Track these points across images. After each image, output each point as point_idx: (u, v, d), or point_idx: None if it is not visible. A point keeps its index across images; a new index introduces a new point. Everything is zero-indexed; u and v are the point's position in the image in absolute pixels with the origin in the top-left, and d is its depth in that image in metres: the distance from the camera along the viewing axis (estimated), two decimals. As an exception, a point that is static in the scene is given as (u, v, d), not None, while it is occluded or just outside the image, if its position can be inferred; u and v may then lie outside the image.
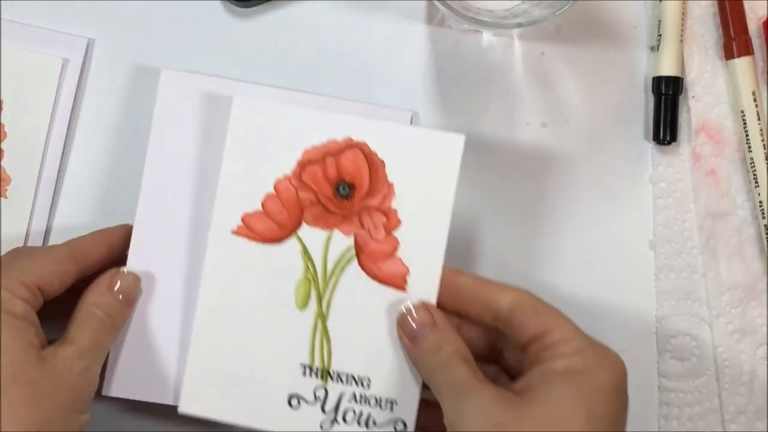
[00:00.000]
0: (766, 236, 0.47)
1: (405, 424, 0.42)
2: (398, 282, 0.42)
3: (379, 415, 0.42)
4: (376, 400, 0.42)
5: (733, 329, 0.47)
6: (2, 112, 0.46)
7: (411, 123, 0.47)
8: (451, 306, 0.40)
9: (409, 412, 0.42)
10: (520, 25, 0.43)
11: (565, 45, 0.49)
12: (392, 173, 0.42)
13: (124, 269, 0.42)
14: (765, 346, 0.47)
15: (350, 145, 0.42)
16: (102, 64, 0.48)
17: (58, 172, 0.47)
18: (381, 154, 0.42)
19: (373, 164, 0.42)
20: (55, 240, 0.46)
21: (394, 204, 0.42)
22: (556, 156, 0.48)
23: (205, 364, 0.42)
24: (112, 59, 0.48)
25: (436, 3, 0.44)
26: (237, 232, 0.42)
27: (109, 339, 0.41)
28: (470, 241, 0.47)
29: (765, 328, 0.47)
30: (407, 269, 0.42)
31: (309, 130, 0.42)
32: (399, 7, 0.49)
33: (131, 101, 0.48)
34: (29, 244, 0.46)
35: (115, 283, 0.41)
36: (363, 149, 0.42)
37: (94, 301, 0.40)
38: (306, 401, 0.42)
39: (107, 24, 0.48)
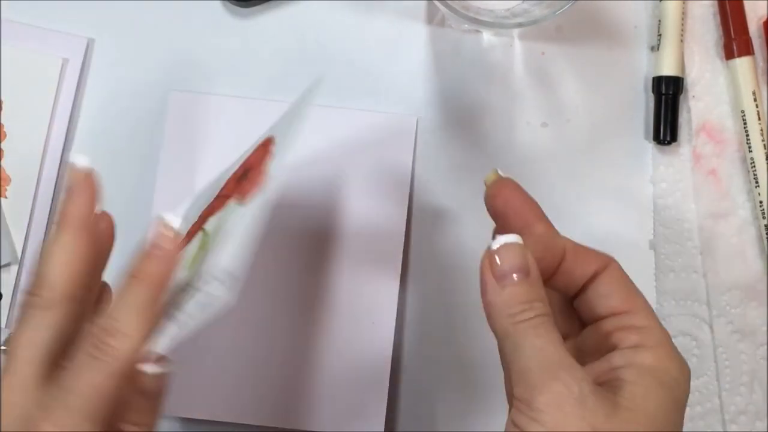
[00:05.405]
0: (766, 236, 0.47)
1: None
2: None
3: None
4: None
5: (734, 329, 0.47)
6: (2, 112, 0.46)
7: (416, 128, 0.47)
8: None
9: None
10: (520, 24, 0.43)
11: (566, 45, 0.49)
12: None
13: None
14: (765, 347, 0.47)
15: None
16: (102, 64, 0.48)
17: (58, 171, 0.47)
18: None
19: None
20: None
21: None
22: (556, 156, 0.48)
23: None
24: (112, 59, 0.48)
25: (436, 3, 0.44)
26: None
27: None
28: (470, 241, 0.47)
29: (765, 328, 0.47)
30: None
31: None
32: (399, 7, 0.49)
33: (131, 101, 0.48)
34: (29, 244, 0.46)
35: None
36: None
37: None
38: None
39: (107, 24, 0.48)
